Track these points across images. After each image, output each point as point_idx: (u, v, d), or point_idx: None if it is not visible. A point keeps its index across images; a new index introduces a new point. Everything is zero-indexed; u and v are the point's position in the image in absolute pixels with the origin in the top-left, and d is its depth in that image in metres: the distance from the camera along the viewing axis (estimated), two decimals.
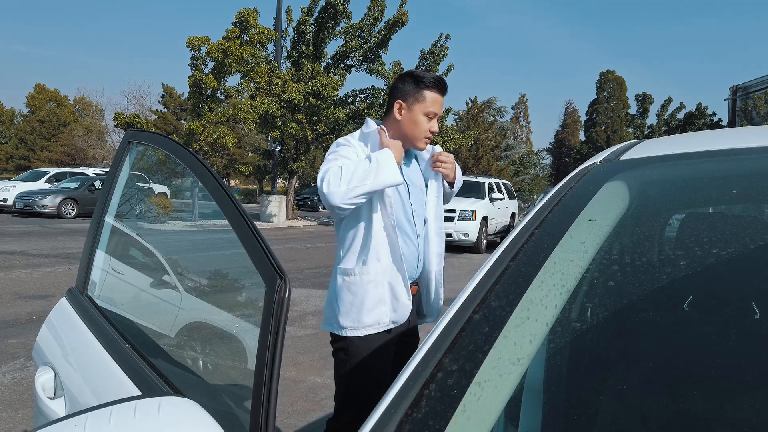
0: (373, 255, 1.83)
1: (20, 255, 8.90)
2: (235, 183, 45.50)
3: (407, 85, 1.89)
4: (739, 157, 0.95)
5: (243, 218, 1.08)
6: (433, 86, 1.87)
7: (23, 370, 3.83)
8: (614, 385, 0.73)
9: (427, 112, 1.87)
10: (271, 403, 0.91)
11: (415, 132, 1.89)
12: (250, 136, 31.62)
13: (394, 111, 1.91)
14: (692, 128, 35.75)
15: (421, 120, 1.88)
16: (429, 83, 1.87)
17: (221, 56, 16.45)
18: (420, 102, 1.87)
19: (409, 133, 1.90)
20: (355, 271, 1.84)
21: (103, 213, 1.60)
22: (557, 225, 0.84)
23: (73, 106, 46.67)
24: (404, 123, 1.89)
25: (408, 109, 1.89)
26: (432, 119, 1.90)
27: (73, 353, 1.44)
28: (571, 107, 52.27)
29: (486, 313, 0.67)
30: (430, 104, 1.87)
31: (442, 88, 1.90)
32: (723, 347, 0.74)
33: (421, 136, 1.90)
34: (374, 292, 1.83)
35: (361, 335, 1.83)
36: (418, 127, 1.88)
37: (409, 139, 1.90)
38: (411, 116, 1.88)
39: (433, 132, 1.91)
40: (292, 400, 3.40)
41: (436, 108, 1.89)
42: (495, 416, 0.58)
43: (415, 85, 1.87)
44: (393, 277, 1.85)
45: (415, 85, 1.87)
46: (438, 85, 1.89)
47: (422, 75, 1.88)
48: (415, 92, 1.87)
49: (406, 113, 1.89)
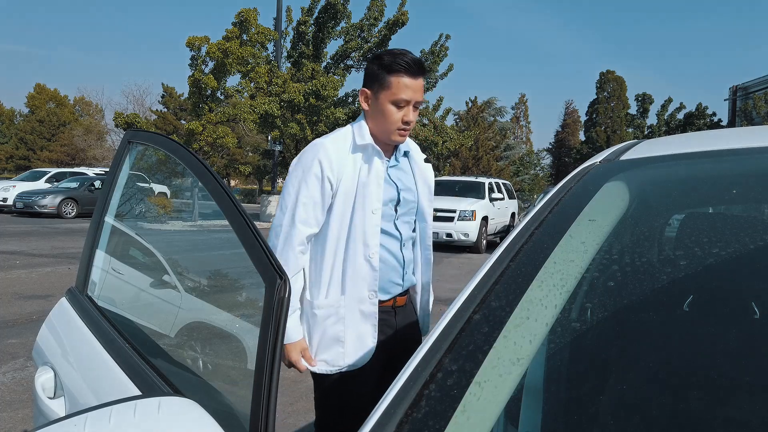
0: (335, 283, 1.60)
1: (20, 255, 8.90)
2: (235, 183, 45.50)
3: (373, 70, 1.60)
4: (739, 157, 0.95)
5: (243, 218, 1.07)
6: (400, 69, 1.56)
7: (23, 370, 3.83)
8: (614, 385, 0.73)
9: (395, 100, 1.57)
10: (271, 403, 0.91)
11: (384, 125, 1.61)
12: (250, 136, 31.62)
13: (361, 101, 1.64)
14: (692, 128, 35.75)
15: (389, 110, 1.58)
16: (396, 66, 1.56)
17: (221, 56, 16.44)
18: (385, 89, 1.58)
19: (378, 125, 1.62)
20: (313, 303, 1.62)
21: (103, 213, 1.60)
22: (557, 225, 0.83)
23: (73, 106, 46.69)
24: (372, 115, 1.63)
25: (374, 98, 1.61)
26: (403, 107, 1.59)
27: (73, 353, 1.44)
28: (571, 107, 52.29)
29: (486, 313, 0.67)
30: (397, 90, 1.57)
31: (413, 70, 1.57)
32: (723, 347, 0.74)
33: (392, 128, 1.60)
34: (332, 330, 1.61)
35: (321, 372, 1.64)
36: (386, 118, 1.59)
37: (380, 132, 1.63)
38: (378, 106, 1.60)
39: (406, 122, 1.60)
40: (292, 400, 3.40)
41: (407, 94, 1.57)
42: (495, 416, 0.58)
43: (381, 69, 1.58)
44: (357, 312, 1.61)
45: (381, 68, 1.58)
46: (407, 69, 1.56)
47: (386, 56, 1.58)
48: (380, 78, 1.58)
49: (372, 103, 1.62)
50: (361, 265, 1.60)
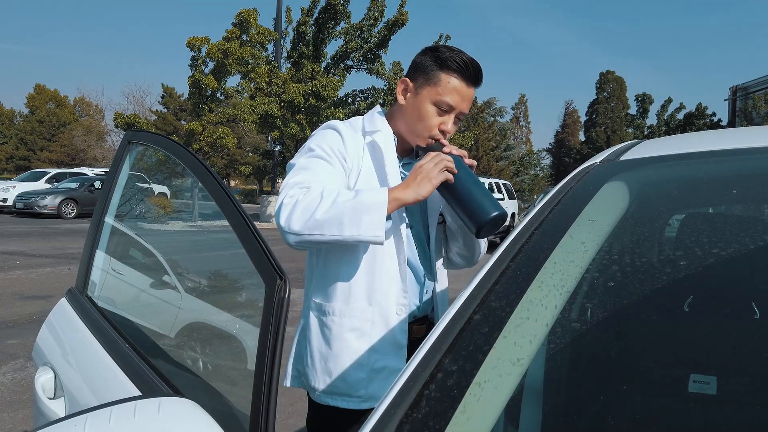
0: (362, 292, 1.32)
1: (20, 255, 8.90)
2: (235, 183, 45.52)
3: (424, 61, 1.35)
4: (739, 157, 0.95)
5: (243, 218, 1.07)
6: (455, 68, 1.31)
7: (23, 371, 3.83)
8: (614, 385, 0.73)
9: (438, 101, 1.31)
10: (271, 404, 0.91)
11: (416, 125, 1.35)
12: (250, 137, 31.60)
13: (398, 91, 1.39)
14: (692, 128, 35.78)
15: (427, 110, 1.33)
16: (452, 64, 1.31)
17: (221, 57, 16.46)
18: (432, 85, 1.32)
19: (409, 124, 1.37)
20: (333, 310, 1.33)
21: (103, 213, 1.60)
22: (557, 225, 0.83)
23: (73, 106, 46.72)
24: (406, 110, 1.37)
25: (415, 92, 1.35)
26: (446, 114, 1.33)
27: (73, 353, 1.44)
28: (571, 107, 52.22)
29: (486, 314, 0.67)
30: (444, 91, 1.31)
31: (470, 75, 1.33)
32: (723, 347, 0.74)
33: (424, 132, 1.34)
34: (355, 345, 1.31)
35: (335, 405, 1.33)
36: (422, 119, 1.33)
37: (408, 132, 1.38)
38: (416, 102, 1.34)
39: (444, 131, 1.35)
40: (292, 400, 3.40)
41: (454, 99, 1.32)
42: (495, 417, 0.58)
43: (433, 62, 1.33)
44: (384, 332, 1.32)
45: (433, 61, 1.33)
46: (464, 70, 1.31)
47: (443, 49, 1.33)
48: (430, 71, 1.33)
49: (411, 97, 1.36)
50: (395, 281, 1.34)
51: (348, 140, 1.34)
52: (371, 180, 1.34)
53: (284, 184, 1.27)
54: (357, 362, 1.31)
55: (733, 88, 28.00)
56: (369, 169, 1.35)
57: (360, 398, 1.32)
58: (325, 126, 1.39)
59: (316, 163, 1.29)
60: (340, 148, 1.32)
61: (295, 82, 18.41)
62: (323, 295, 1.37)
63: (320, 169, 1.28)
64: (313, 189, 1.22)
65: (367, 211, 1.17)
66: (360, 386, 1.31)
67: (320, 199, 1.19)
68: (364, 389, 1.31)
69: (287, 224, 1.20)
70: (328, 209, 1.17)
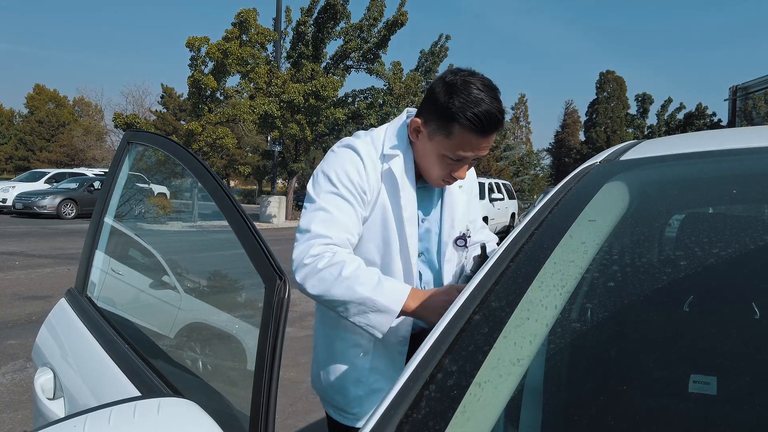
0: None
1: (20, 255, 8.90)
2: (235, 183, 45.53)
3: (438, 103, 1.22)
4: (739, 157, 0.95)
5: (242, 219, 1.07)
6: (473, 126, 1.19)
7: (23, 371, 3.83)
8: (614, 385, 0.73)
9: (450, 154, 1.24)
10: (270, 404, 0.91)
11: (428, 170, 1.30)
12: (250, 137, 31.60)
13: (409, 130, 1.31)
14: (692, 128, 35.79)
15: (440, 160, 1.26)
16: (465, 122, 1.19)
17: (221, 57, 16.47)
18: (444, 136, 1.23)
19: (421, 164, 1.31)
20: (339, 324, 1.34)
21: (102, 214, 1.60)
22: (557, 225, 0.83)
23: (72, 106, 46.74)
24: (418, 151, 1.30)
25: (428, 137, 1.26)
26: (458, 162, 1.26)
27: (73, 354, 1.44)
28: (571, 107, 52.26)
29: (486, 314, 0.67)
30: (457, 147, 1.22)
31: (486, 129, 1.20)
32: (723, 347, 0.74)
33: (436, 178, 1.30)
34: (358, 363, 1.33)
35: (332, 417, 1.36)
36: (433, 166, 1.28)
37: (422, 169, 1.32)
38: (428, 148, 1.27)
39: (457, 177, 1.29)
40: (292, 400, 3.40)
41: (469, 152, 1.23)
42: (495, 417, 0.58)
43: (446, 109, 1.20)
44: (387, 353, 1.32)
45: (447, 108, 1.20)
46: (479, 127, 1.19)
47: (460, 94, 1.19)
48: (443, 119, 1.22)
49: (423, 140, 1.27)
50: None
51: (369, 167, 1.28)
52: (386, 215, 1.30)
53: (305, 224, 1.23)
54: (357, 379, 1.34)
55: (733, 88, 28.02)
56: (384, 201, 1.30)
57: (354, 416, 1.34)
58: (346, 145, 1.31)
59: (337, 205, 1.24)
60: (361, 181, 1.26)
61: (295, 82, 18.41)
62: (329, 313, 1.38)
63: (342, 215, 1.24)
64: (336, 257, 1.18)
65: (378, 312, 1.18)
66: (356, 404, 1.33)
67: (338, 274, 1.17)
68: (359, 407, 1.33)
69: (303, 284, 1.21)
70: (344, 292, 1.17)
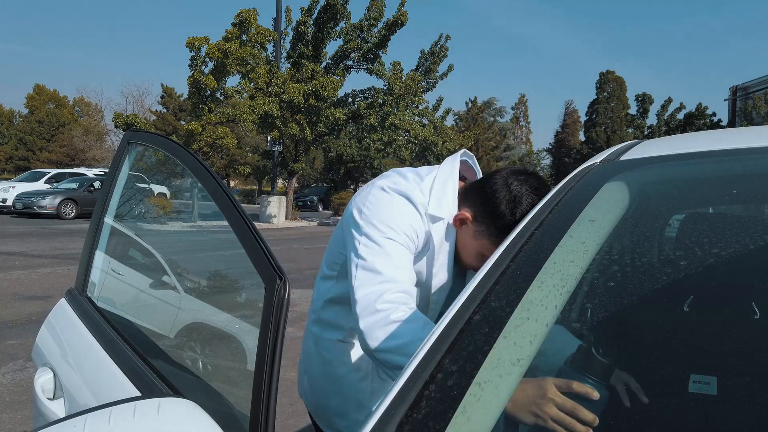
0: None
1: (20, 256, 8.90)
2: (235, 183, 45.52)
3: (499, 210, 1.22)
4: (739, 157, 0.95)
5: (242, 219, 1.07)
6: None
7: (23, 371, 3.83)
8: (614, 386, 0.73)
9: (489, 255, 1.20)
10: (270, 404, 0.91)
11: (464, 259, 1.31)
12: (250, 137, 31.60)
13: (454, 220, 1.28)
14: (692, 128, 35.80)
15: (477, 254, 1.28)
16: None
17: (221, 57, 16.46)
18: (492, 243, 1.24)
19: (459, 248, 1.30)
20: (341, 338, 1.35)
21: (102, 214, 1.60)
22: (557, 225, 0.83)
23: (72, 106, 46.71)
24: (459, 238, 1.29)
25: (473, 235, 1.27)
26: None
27: (73, 354, 1.44)
28: (571, 107, 52.14)
29: (486, 314, 0.67)
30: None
31: None
32: (723, 347, 0.74)
33: (474, 266, 1.32)
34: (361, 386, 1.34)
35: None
36: (470, 258, 1.30)
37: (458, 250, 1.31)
38: (468, 243, 1.28)
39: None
40: (292, 400, 3.40)
41: None
42: (495, 417, 0.58)
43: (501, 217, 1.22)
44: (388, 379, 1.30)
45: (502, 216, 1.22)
46: None
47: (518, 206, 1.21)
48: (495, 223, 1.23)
49: (467, 233, 1.28)
50: None
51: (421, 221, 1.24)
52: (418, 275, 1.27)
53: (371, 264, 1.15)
54: (358, 403, 1.34)
55: (733, 88, 28.03)
56: (420, 263, 1.28)
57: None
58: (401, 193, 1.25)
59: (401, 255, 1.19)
60: (416, 239, 1.23)
61: (295, 82, 18.41)
62: (330, 324, 1.38)
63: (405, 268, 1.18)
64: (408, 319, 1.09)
65: None
66: (356, 428, 1.27)
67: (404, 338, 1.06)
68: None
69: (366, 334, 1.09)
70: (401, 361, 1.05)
